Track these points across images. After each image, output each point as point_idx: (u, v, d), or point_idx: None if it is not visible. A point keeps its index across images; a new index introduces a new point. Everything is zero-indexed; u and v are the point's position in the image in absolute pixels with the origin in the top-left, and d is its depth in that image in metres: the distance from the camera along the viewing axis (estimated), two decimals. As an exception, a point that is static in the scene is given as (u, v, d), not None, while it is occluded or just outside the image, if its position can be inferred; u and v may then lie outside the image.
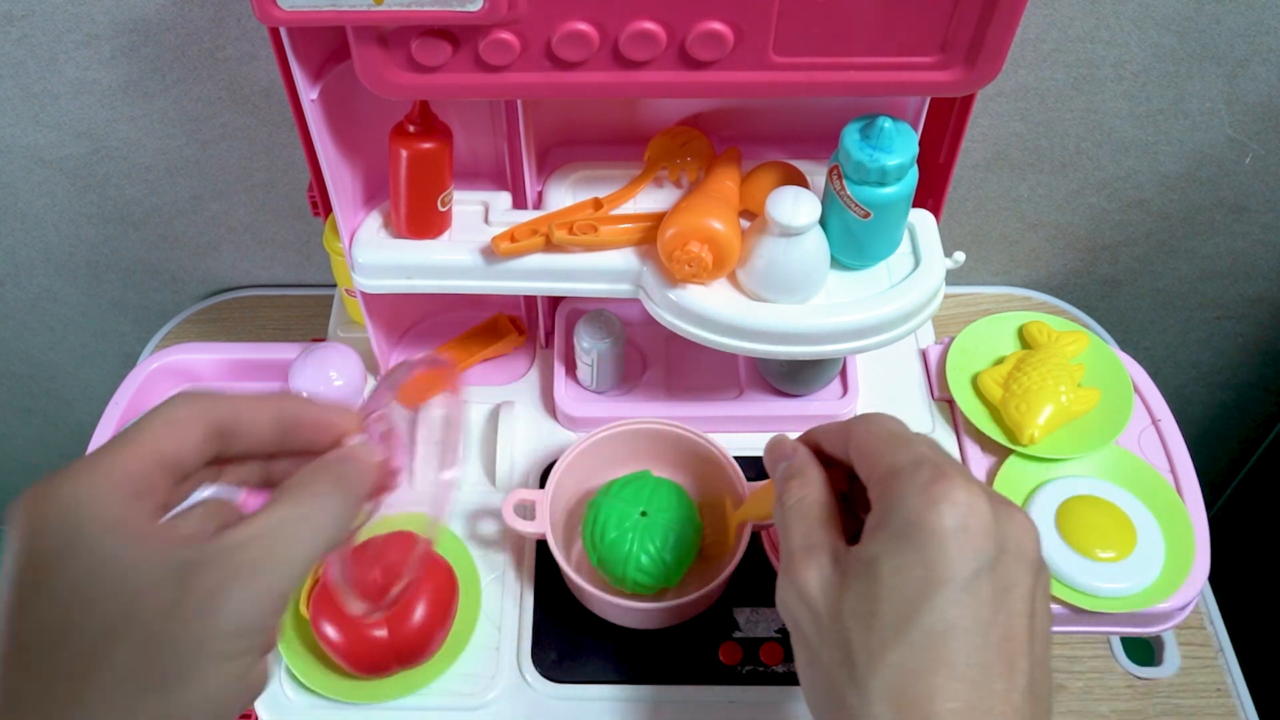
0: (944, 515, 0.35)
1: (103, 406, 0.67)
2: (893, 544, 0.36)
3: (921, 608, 0.34)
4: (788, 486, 0.42)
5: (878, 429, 0.40)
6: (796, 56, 0.48)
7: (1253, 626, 0.96)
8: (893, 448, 0.39)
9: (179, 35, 0.65)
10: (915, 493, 0.36)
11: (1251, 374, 1.00)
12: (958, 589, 0.34)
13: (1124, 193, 0.78)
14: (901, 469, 0.37)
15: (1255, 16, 0.64)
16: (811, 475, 0.42)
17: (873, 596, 0.35)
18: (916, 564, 0.35)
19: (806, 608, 0.38)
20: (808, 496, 0.41)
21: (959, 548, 0.35)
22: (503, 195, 0.60)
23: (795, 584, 0.38)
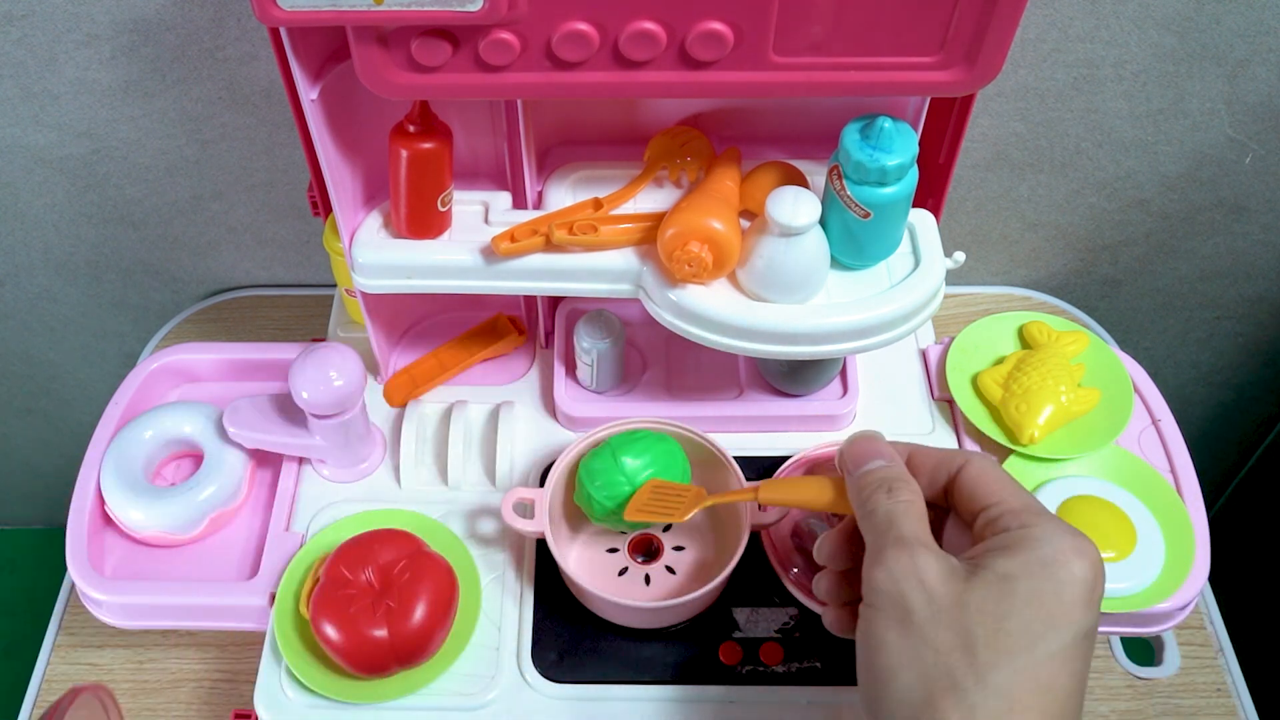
0: (1084, 567, 0.39)
1: (103, 406, 0.67)
2: (1032, 570, 0.38)
3: (1049, 635, 0.37)
4: (895, 486, 0.43)
5: (997, 468, 0.43)
6: (796, 56, 0.48)
7: (1253, 626, 0.96)
8: (1021, 488, 0.42)
9: (179, 35, 0.65)
10: (1063, 535, 0.39)
11: (1251, 374, 1.00)
12: (1077, 635, 0.38)
13: (1124, 193, 0.78)
14: (1043, 511, 0.41)
15: (1255, 16, 0.64)
16: (916, 486, 0.44)
17: (1004, 606, 0.38)
18: (1051, 595, 0.38)
19: (923, 588, 0.39)
20: (917, 503, 0.43)
21: (1086, 602, 0.38)
22: (503, 195, 0.60)
23: (915, 564, 0.40)
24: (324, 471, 0.66)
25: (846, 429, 0.69)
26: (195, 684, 0.65)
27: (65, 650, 0.67)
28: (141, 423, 0.65)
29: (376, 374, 0.70)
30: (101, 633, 0.66)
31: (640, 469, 0.57)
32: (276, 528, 0.64)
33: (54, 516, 1.18)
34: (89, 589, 0.61)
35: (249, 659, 0.66)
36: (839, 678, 0.58)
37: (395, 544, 0.58)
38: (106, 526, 0.65)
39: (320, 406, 0.60)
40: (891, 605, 0.40)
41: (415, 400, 0.69)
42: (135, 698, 0.65)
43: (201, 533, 0.64)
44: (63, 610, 0.69)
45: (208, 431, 0.65)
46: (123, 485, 0.63)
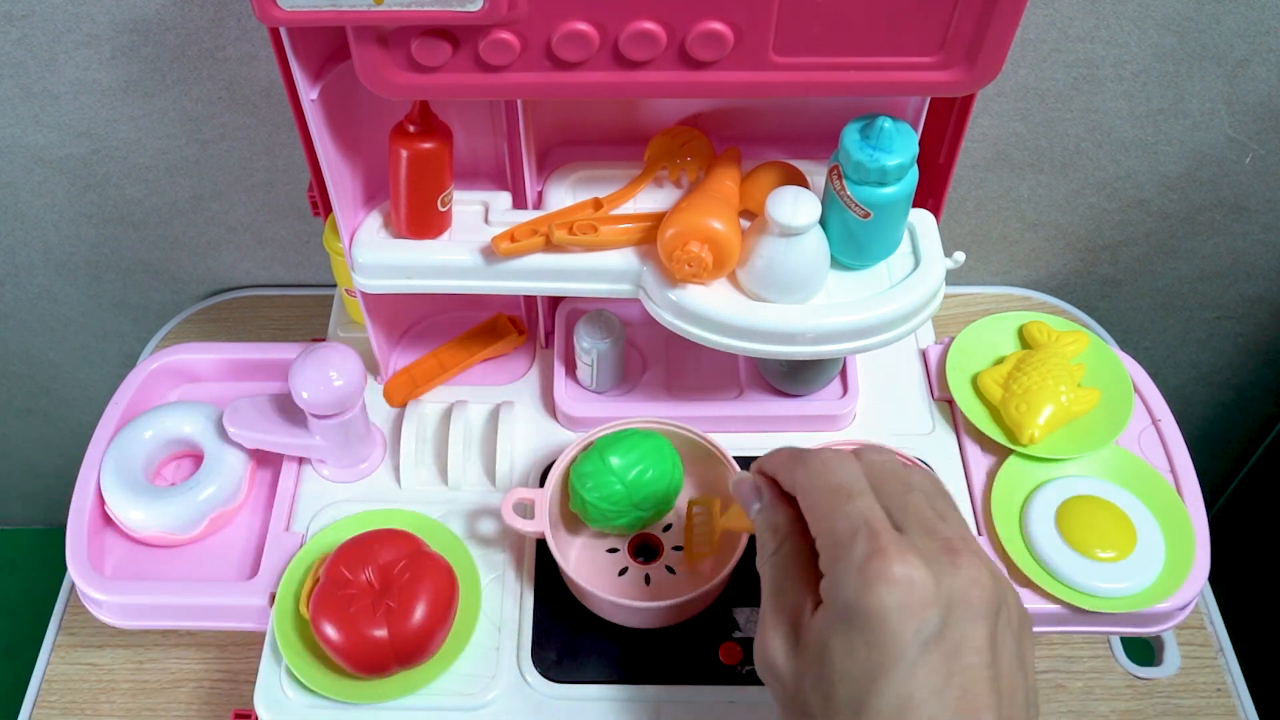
0: (881, 596, 0.35)
1: (103, 406, 0.67)
2: (838, 627, 0.36)
3: (872, 692, 0.35)
4: (762, 539, 0.42)
5: (818, 480, 0.40)
6: (796, 56, 0.48)
7: (1253, 626, 0.96)
8: (833, 505, 0.39)
9: (179, 35, 0.65)
10: (852, 573, 0.36)
11: (1251, 374, 1.00)
12: (907, 665, 0.35)
13: (1124, 193, 0.78)
14: (840, 539, 0.37)
15: (1255, 16, 0.65)
16: (780, 522, 0.42)
17: (827, 679, 0.36)
18: (862, 647, 0.35)
19: (774, 676, 0.39)
20: (776, 552, 0.41)
21: (901, 625, 0.35)
22: (503, 195, 0.60)
23: (764, 651, 0.40)
24: (324, 471, 0.66)
25: (846, 429, 0.69)
26: (195, 684, 0.66)
27: (65, 650, 0.67)
28: (141, 423, 0.65)
29: (376, 374, 0.70)
30: (101, 633, 0.66)
31: (629, 465, 0.57)
32: (276, 528, 0.64)
33: (54, 516, 1.18)
34: (89, 589, 0.61)
35: (249, 659, 0.66)
36: (839, 678, 0.58)
37: (395, 544, 0.58)
38: (106, 526, 0.65)
39: (320, 406, 0.60)
40: (766, 684, 0.40)
41: (415, 400, 0.69)
42: (135, 698, 0.65)
43: (201, 533, 0.64)
44: (63, 610, 0.69)
45: (208, 431, 0.65)
46: (123, 485, 0.63)
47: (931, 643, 0.35)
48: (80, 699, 0.65)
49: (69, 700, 0.65)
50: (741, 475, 0.45)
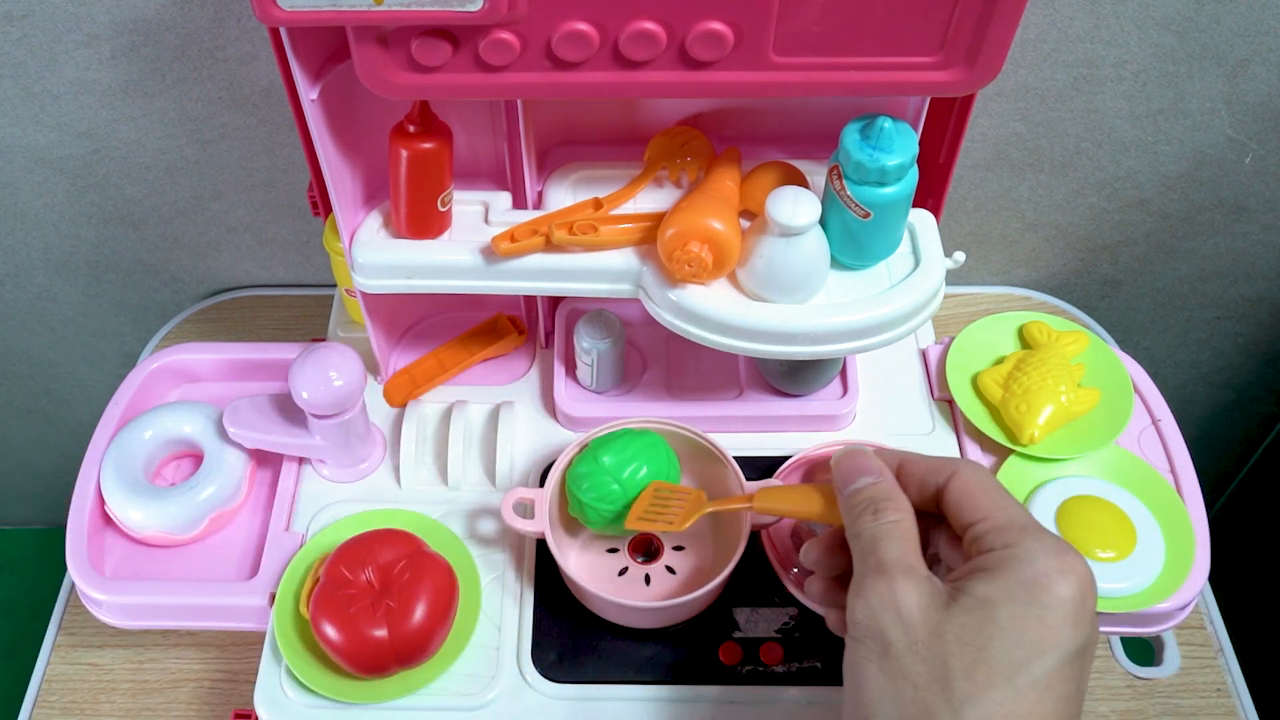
0: (1070, 586, 0.37)
1: (103, 406, 0.67)
2: (1014, 593, 0.37)
3: (1034, 661, 0.36)
4: (882, 506, 0.42)
5: (986, 479, 0.42)
6: (796, 56, 0.48)
7: (1253, 626, 0.96)
8: (1009, 501, 0.41)
9: (179, 35, 0.65)
10: (1046, 553, 0.38)
11: (1251, 374, 1.00)
12: (1064, 658, 0.36)
13: (1124, 193, 0.78)
14: (1027, 526, 0.39)
15: (1255, 16, 0.65)
16: (904, 503, 0.43)
17: (984, 633, 0.37)
18: (1034, 620, 0.37)
19: (900, 620, 0.38)
20: (903, 521, 0.42)
21: (1074, 621, 0.37)
22: (503, 195, 0.60)
23: (893, 594, 0.39)
24: (324, 471, 0.66)
25: (846, 429, 0.69)
26: (195, 684, 0.65)
27: (65, 650, 0.67)
28: (141, 423, 0.65)
29: (376, 374, 0.70)
30: (101, 633, 0.66)
31: (623, 464, 0.57)
32: (276, 528, 0.64)
33: (54, 516, 1.18)
34: (89, 589, 0.61)
35: (249, 659, 0.66)
36: (839, 678, 0.58)
37: (395, 544, 0.58)
38: (106, 526, 0.65)
39: (320, 406, 0.60)
40: (870, 638, 0.39)
41: (415, 400, 0.69)
42: (135, 698, 0.65)
43: (201, 533, 0.64)
44: (63, 610, 0.69)
45: (208, 431, 0.65)
46: (123, 485, 0.63)
47: (1081, 654, 0.37)
48: (80, 699, 0.65)
49: (69, 700, 0.65)
50: (857, 448, 0.46)
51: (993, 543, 0.39)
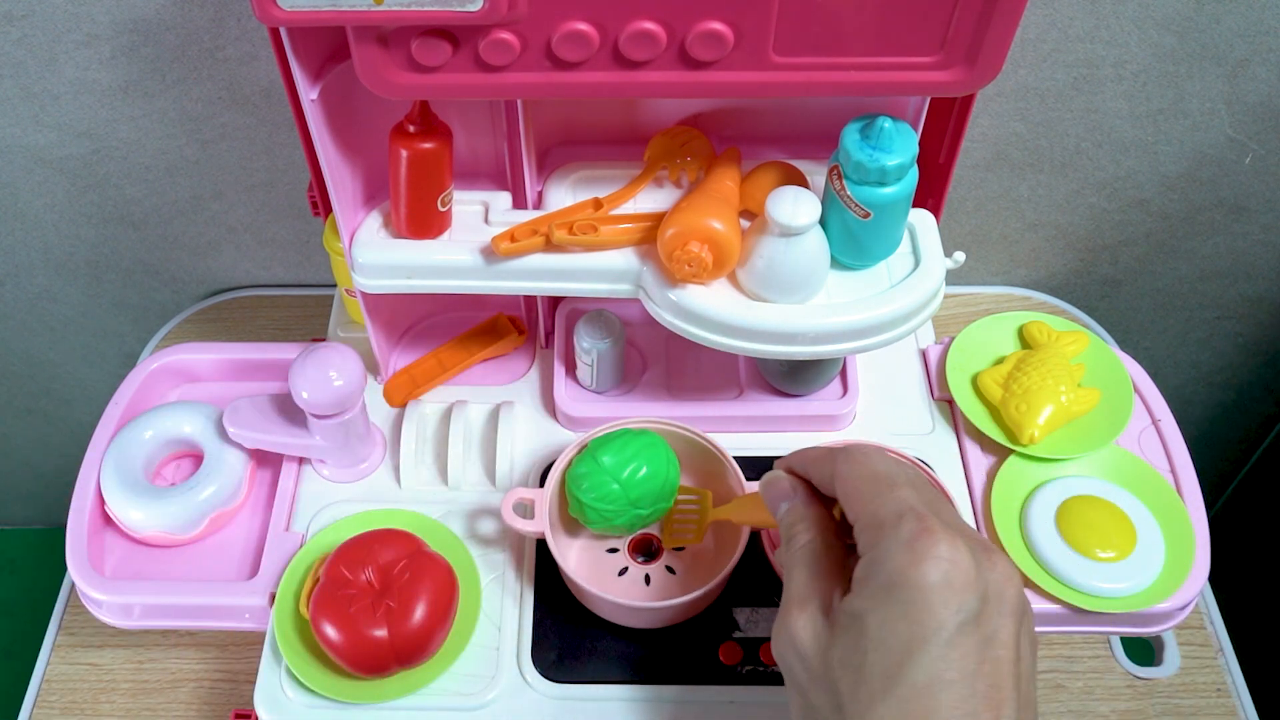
0: (927, 572, 0.36)
1: (103, 406, 0.67)
2: (878, 598, 0.37)
3: (907, 663, 0.35)
4: (792, 531, 0.43)
5: (861, 469, 0.41)
6: (796, 56, 0.48)
7: (1253, 626, 0.96)
8: (876, 492, 0.40)
9: (179, 35, 0.65)
10: (899, 548, 0.37)
11: (1251, 374, 1.00)
12: (942, 643, 0.35)
13: (1124, 193, 0.78)
14: (884, 521, 0.38)
15: (1255, 16, 0.65)
16: (812, 518, 0.43)
17: (860, 650, 0.36)
18: (900, 619, 0.36)
19: (798, 655, 0.39)
20: (809, 543, 0.42)
21: (943, 602, 0.36)
22: (503, 195, 0.60)
23: (789, 631, 0.40)
24: (324, 471, 0.66)
25: (846, 429, 0.69)
26: (195, 684, 0.66)
27: (65, 650, 0.67)
28: (141, 423, 0.65)
29: (376, 374, 0.70)
30: (101, 633, 0.66)
31: (623, 464, 0.57)
32: (276, 528, 0.64)
33: (54, 516, 1.18)
34: (89, 589, 0.61)
35: (249, 659, 0.66)
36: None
37: (395, 544, 0.58)
38: (106, 526, 0.65)
39: (320, 406, 0.60)
40: (785, 671, 0.40)
41: (415, 400, 0.69)
42: (135, 698, 0.65)
43: (201, 533, 0.64)
44: (63, 610, 0.69)
45: (208, 431, 0.65)
46: (123, 485, 0.63)
47: (968, 626, 0.36)
48: (80, 699, 0.65)
49: (69, 700, 0.65)
50: (773, 474, 0.46)
51: (862, 546, 0.39)
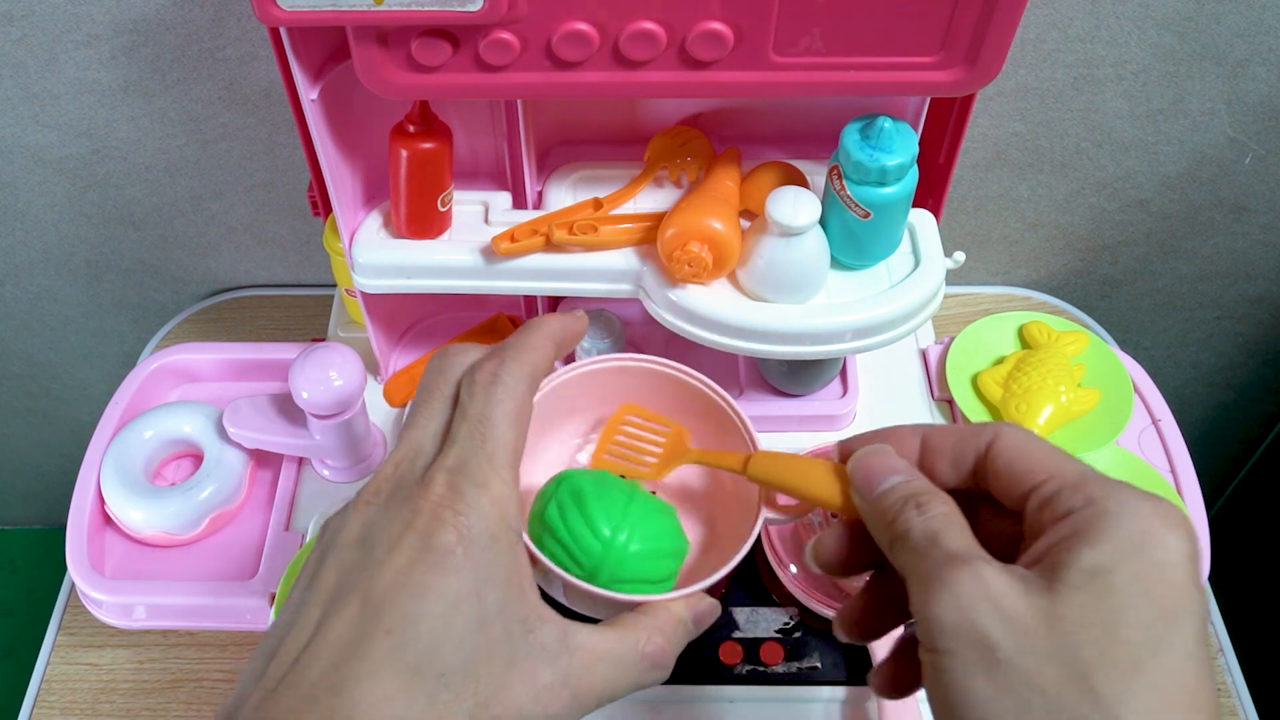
0: (1180, 538, 0.31)
1: (103, 406, 0.67)
2: (1126, 553, 0.30)
3: (1172, 631, 0.30)
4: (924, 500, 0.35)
5: (1033, 436, 0.36)
6: (796, 56, 0.48)
7: (1253, 626, 0.96)
8: (1068, 455, 0.34)
9: (179, 35, 0.65)
10: (1143, 501, 0.32)
11: (1251, 374, 1.00)
12: (1200, 622, 0.30)
13: (1124, 193, 0.78)
14: (1107, 478, 0.33)
15: (1255, 16, 0.65)
16: (946, 497, 0.35)
17: (1110, 607, 0.30)
18: (1158, 581, 0.30)
19: (1000, 614, 0.30)
20: (952, 513, 0.34)
21: (1194, 578, 0.31)
22: (503, 195, 0.60)
23: (984, 585, 0.31)
24: (324, 471, 0.66)
25: (846, 429, 0.69)
26: (195, 684, 0.65)
27: (65, 650, 0.67)
28: (141, 422, 0.65)
29: (376, 374, 0.70)
30: (102, 633, 0.66)
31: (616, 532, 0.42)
32: (276, 527, 0.64)
33: (54, 516, 1.18)
34: (89, 589, 0.61)
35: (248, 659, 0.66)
36: (839, 678, 0.58)
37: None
38: (107, 526, 0.65)
39: (320, 406, 0.60)
40: (968, 646, 0.30)
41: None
42: (135, 698, 0.65)
43: (201, 532, 0.64)
44: (63, 610, 0.69)
45: (208, 431, 0.65)
46: (123, 485, 0.63)
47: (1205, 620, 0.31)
48: (80, 699, 0.65)
49: (69, 700, 0.65)
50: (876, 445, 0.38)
51: (1072, 502, 0.32)
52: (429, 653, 0.31)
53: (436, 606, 0.32)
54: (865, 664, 0.57)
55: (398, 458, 0.36)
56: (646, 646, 0.38)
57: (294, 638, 0.32)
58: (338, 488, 0.66)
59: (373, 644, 0.31)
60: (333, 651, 0.31)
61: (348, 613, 0.32)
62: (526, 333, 0.39)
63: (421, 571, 0.32)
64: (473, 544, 0.33)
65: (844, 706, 0.57)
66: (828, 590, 0.57)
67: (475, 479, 0.34)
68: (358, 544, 0.34)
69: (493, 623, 0.33)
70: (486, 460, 0.34)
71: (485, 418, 0.35)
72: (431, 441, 0.36)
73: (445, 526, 0.33)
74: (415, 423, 0.37)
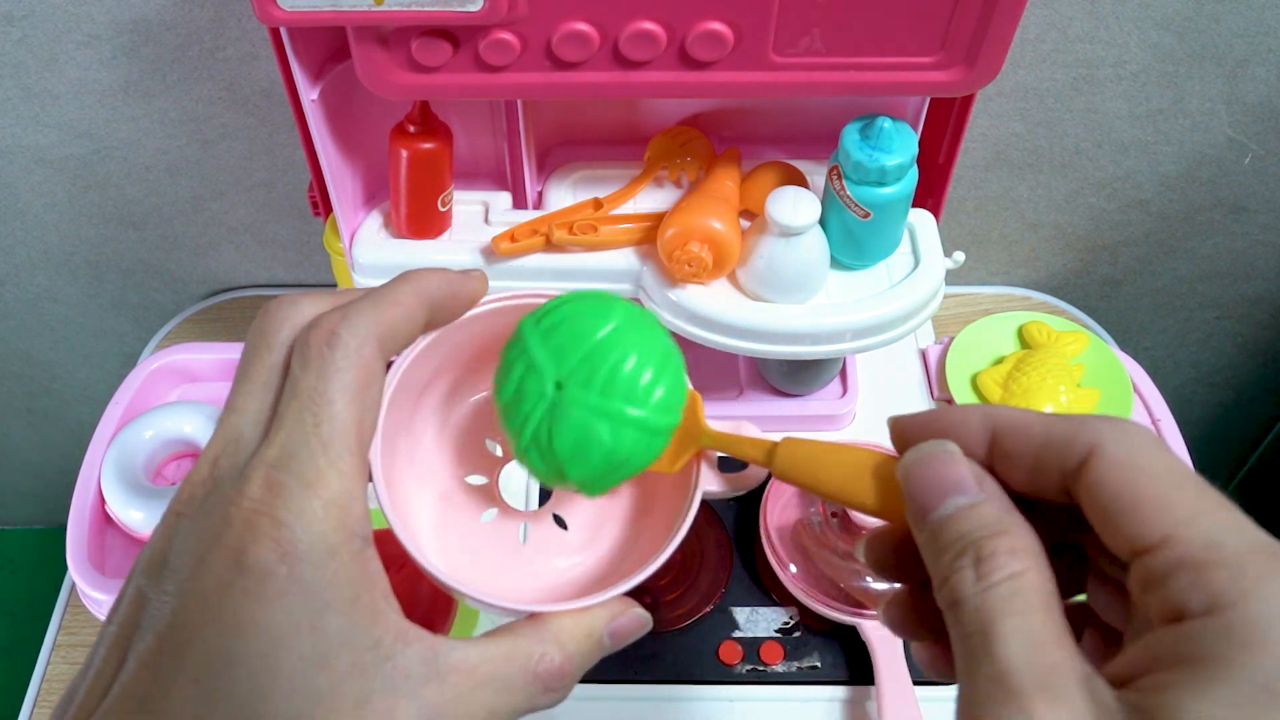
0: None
1: (103, 406, 0.67)
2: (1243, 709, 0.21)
3: None
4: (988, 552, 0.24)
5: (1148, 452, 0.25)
6: (796, 56, 0.48)
7: (1252, 626, 0.96)
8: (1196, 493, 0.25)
9: (179, 35, 0.65)
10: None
11: (1251, 374, 1.00)
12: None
13: (1124, 193, 0.78)
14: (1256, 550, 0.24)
15: (1255, 16, 0.65)
16: (1023, 534, 0.25)
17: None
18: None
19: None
20: (1028, 575, 0.24)
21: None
22: (503, 195, 0.61)
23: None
24: (324, 471, 0.66)
25: (846, 429, 0.69)
26: (195, 684, 0.65)
27: (65, 650, 0.67)
28: (142, 422, 0.65)
29: (377, 374, 0.70)
30: (102, 632, 0.66)
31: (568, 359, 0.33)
32: (277, 527, 0.64)
33: (54, 516, 1.18)
34: (90, 588, 0.61)
35: (249, 659, 0.66)
36: (839, 678, 0.58)
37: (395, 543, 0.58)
38: (107, 526, 0.65)
39: (320, 406, 0.60)
40: None
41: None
42: (135, 697, 0.65)
43: (202, 532, 0.64)
44: (63, 610, 0.69)
45: (208, 431, 0.65)
46: (123, 485, 0.63)
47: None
48: (80, 698, 0.65)
49: (69, 700, 0.65)
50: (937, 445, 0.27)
51: (1189, 597, 0.22)
52: (248, 706, 0.24)
53: (256, 645, 0.24)
54: (866, 664, 0.57)
55: (214, 452, 0.28)
56: (539, 665, 0.31)
57: (89, 688, 0.25)
58: (338, 487, 0.66)
59: (173, 698, 0.24)
60: (128, 707, 0.24)
61: (145, 657, 0.25)
62: (388, 285, 0.30)
63: (235, 600, 0.24)
64: (300, 560, 0.25)
65: (844, 706, 0.57)
66: (828, 590, 0.57)
67: (303, 476, 0.26)
68: (159, 567, 0.26)
69: (336, 657, 0.26)
70: (320, 448, 0.26)
71: (318, 393, 0.27)
72: (252, 428, 0.27)
73: (263, 540, 0.25)
74: (233, 404, 0.28)
